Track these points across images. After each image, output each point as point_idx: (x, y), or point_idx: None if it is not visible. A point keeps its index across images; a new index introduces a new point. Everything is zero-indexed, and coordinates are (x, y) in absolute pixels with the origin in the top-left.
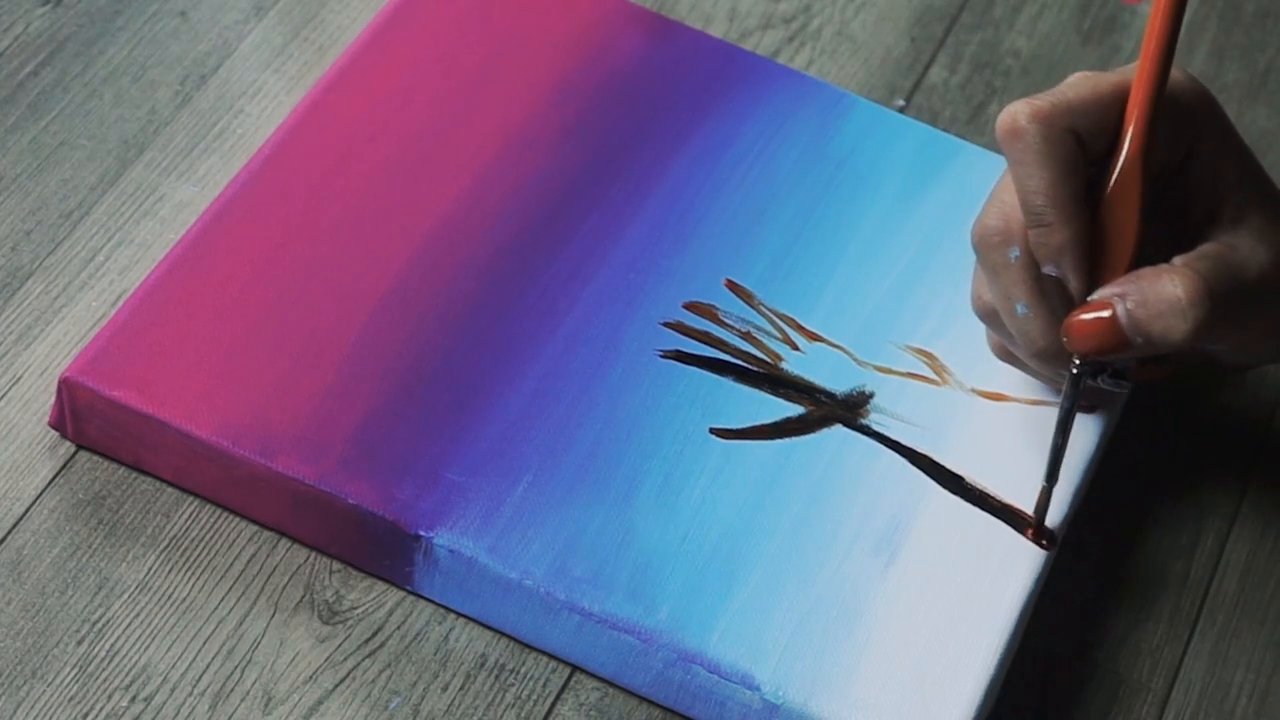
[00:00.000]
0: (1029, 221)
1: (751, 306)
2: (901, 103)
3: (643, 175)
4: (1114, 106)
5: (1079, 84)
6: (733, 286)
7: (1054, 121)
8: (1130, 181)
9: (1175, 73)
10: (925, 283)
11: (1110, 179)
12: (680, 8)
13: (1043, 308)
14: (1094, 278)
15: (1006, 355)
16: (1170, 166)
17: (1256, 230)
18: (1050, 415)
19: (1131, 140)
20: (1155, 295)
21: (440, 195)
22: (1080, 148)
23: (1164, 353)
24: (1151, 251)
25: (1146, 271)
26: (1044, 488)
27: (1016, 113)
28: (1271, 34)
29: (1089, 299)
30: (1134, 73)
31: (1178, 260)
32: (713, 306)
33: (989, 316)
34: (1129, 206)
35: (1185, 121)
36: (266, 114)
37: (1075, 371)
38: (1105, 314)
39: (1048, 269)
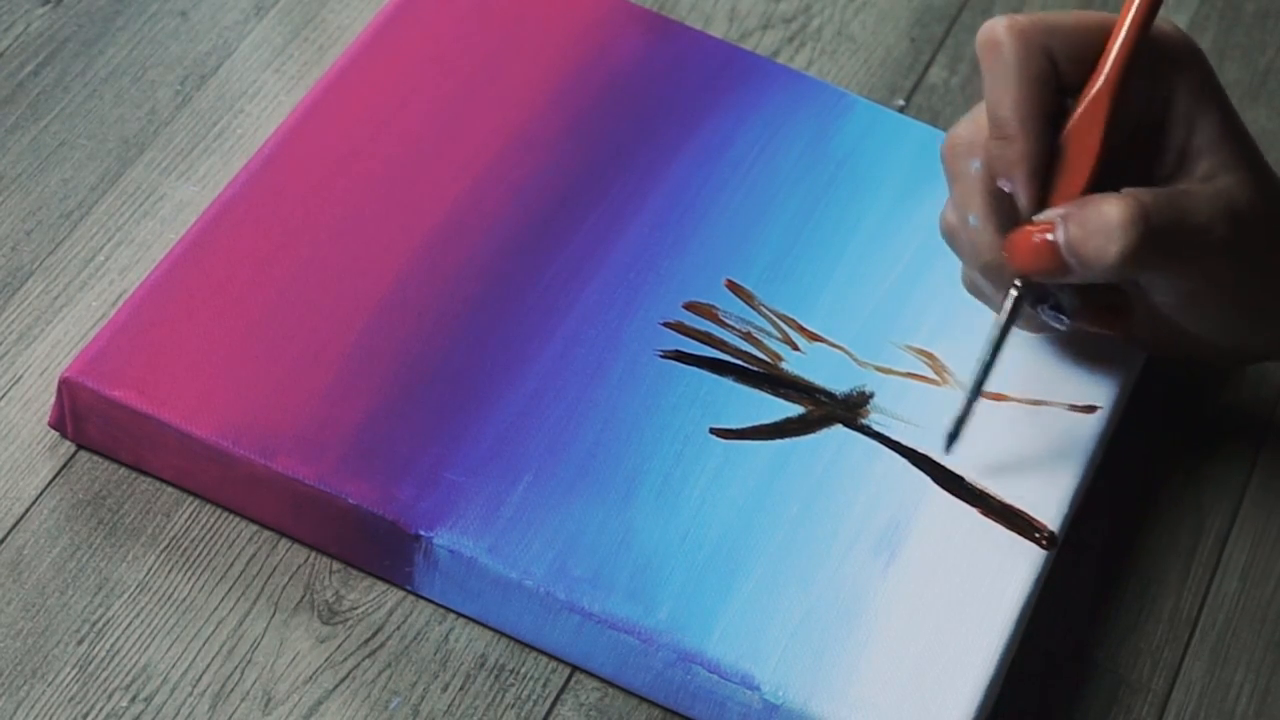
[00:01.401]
0: (991, 132)
1: (751, 306)
2: (901, 103)
3: (643, 175)
4: (1095, 38)
5: (1065, 12)
6: (733, 287)
7: (1031, 38)
8: (1097, 111)
9: (1165, 24)
10: (925, 283)
11: (1079, 107)
12: (680, 8)
13: (992, 221)
14: (1046, 201)
15: (973, 288)
16: (1150, 115)
17: (1221, 185)
18: (1050, 415)
19: (1108, 71)
20: (1092, 215)
21: (440, 195)
22: (1053, 68)
23: (1101, 280)
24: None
25: (1092, 196)
26: (966, 401)
27: (995, 25)
28: (1271, 34)
29: (1034, 219)
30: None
31: (1126, 189)
32: (713, 307)
33: (949, 234)
34: (1092, 135)
35: (1166, 68)
36: (266, 114)
37: (1015, 292)
38: (1046, 235)
39: (1001, 183)
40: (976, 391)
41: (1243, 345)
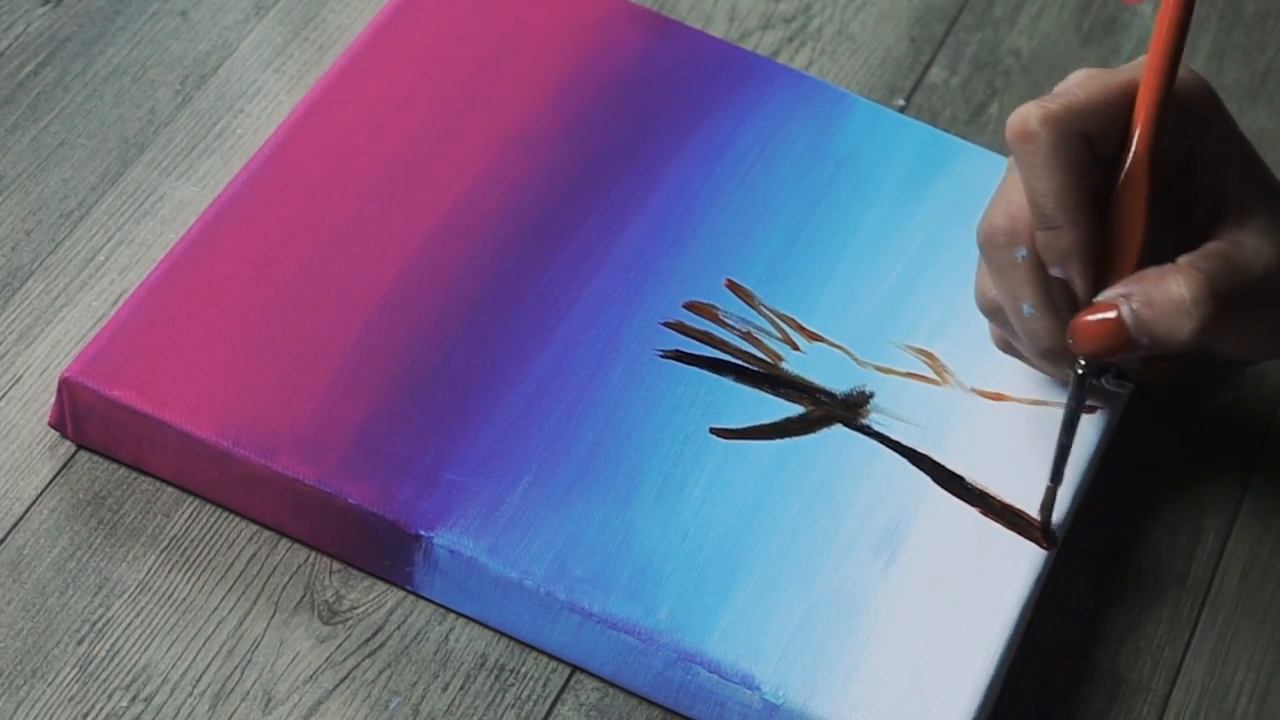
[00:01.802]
0: (1038, 224)
1: (751, 306)
2: (901, 103)
3: (643, 175)
4: (1122, 106)
5: (1088, 84)
6: (733, 286)
7: (1066, 125)
8: (1137, 182)
9: (1180, 70)
10: (925, 283)
11: (1118, 179)
12: (680, 8)
13: (1049, 308)
14: (1100, 279)
15: (1009, 348)
16: (1174, 165)
17: (1260, 228)
18: (1050, 415)
19: (1139, 140)
20: (1160, 295)
21: (440, 195)
22: (1090, 151)
23: (1169, 352)
24: (1157, 252)
25: (1151, 272)
26: (1049, 488)
27: (1028, 115)
28: (1271, 34)
29: (1095, 300)
30: (1140, 70)
31: (1182, 260)
32: (713, 306)
33: (994, 314)
34: (1136, 207)
35: (1189, 119)
36: (266, 114)
37: (1080, 372)
38: (1111, 315)
39: (1055, 271)
40: (1058, 477)
41: (1265, 354)
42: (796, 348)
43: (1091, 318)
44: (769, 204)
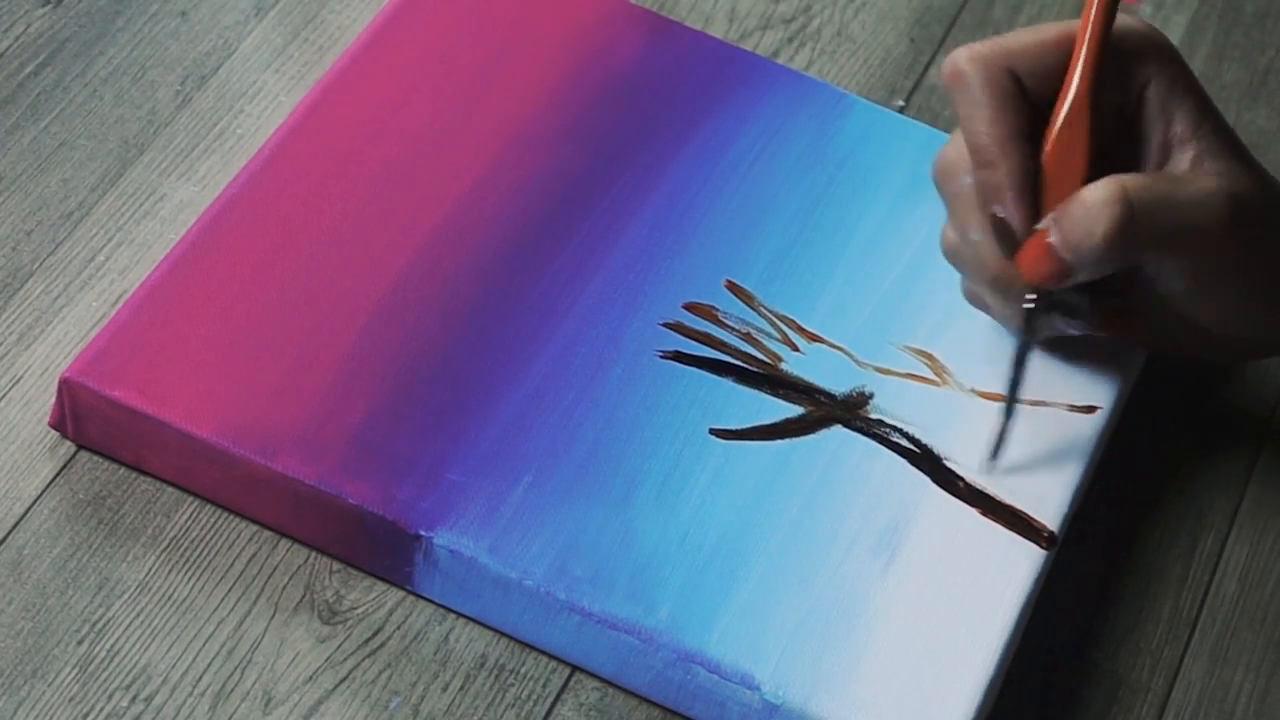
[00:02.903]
0: (974, 161)
1: (751, 307)
2: (901, 103)
3: (643, 175)
4: (1057, 51)
5: (1022, 30)
6: (732, 287)
7: (993, 63)
8: (1077, 119)
9: (1132, 20)
10: (925, 283)
11: (1058, 118)
12: (680, 8)
13: (993, 235)
14: (1042, 215)
15: (975, 299)
16: (1126, 112)
17: (1197, 160)
18: (1050, 415)
19: (1079, 80)
20: (1075, 204)
21: (440, 195)
22: (1019, 88)
23: (1101, 272)
24: None
25: (1078, 192)
26: (1002, 423)
27: (957, 56)
28: (1271, 34)
29: (1035, 229)
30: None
31: (1109, 176)
32: (712, 307)
33: (954, 256)
34: (1077, 144)
35: (1135, 63)
36: (266, 114)
37: (1027, 305)
38: (1042, 245)
39: (995, 208)
40: (1010, 409)
41: (1259, 335)
42: (796, 348)
43: (1029, 244)
44: (769, 204)
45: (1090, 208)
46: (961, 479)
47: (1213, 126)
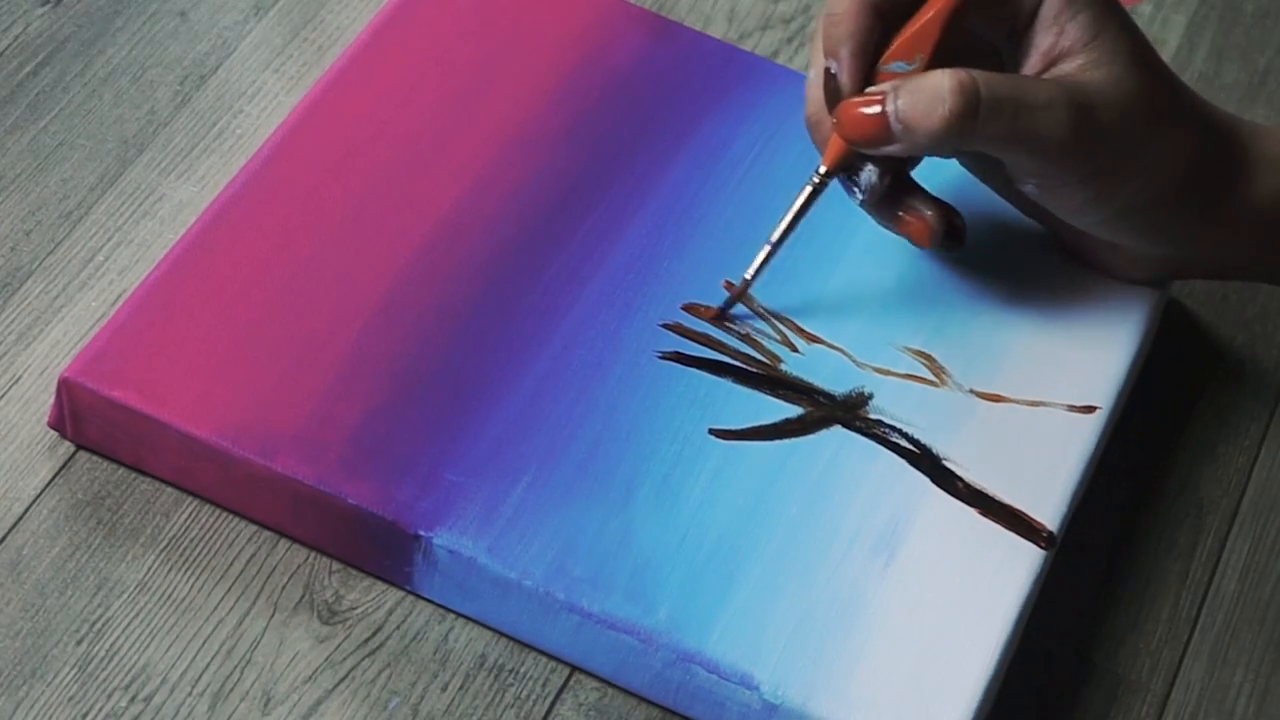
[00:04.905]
0: (825, 12)
1: (750, 308)
2: None
3: (642, 175)
4: None
5: None
6: (732, 288)
7: None
8: (939, 5)
9: None
10: (924, 284)
11: (924, 9)
12: (680, 8)
13: (819, 77)
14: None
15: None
16: (1021, 24)
17: (1075, 77)
18: (1050, 415)
19: None
20: (923, 84)
21: (440, 195)
22: None
23: (929, 151)
24: None
25: (928, 73)
26: (744, 279)
27: None
28: (1271, 34)
29: (868, 91)
30: None
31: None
32: (712, 308)
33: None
34: (930, 28)
35: None
36: (266, 114)
37: (817, 180)
38: (876, 107)
39: (828, 62)
40: (757, 272)
41: (1158, 250)
42: (795, 349)
43: (858, 103)
44: (769, 204)
45: (937, 89)
46: (961, 479)
47: (1111, 37)
